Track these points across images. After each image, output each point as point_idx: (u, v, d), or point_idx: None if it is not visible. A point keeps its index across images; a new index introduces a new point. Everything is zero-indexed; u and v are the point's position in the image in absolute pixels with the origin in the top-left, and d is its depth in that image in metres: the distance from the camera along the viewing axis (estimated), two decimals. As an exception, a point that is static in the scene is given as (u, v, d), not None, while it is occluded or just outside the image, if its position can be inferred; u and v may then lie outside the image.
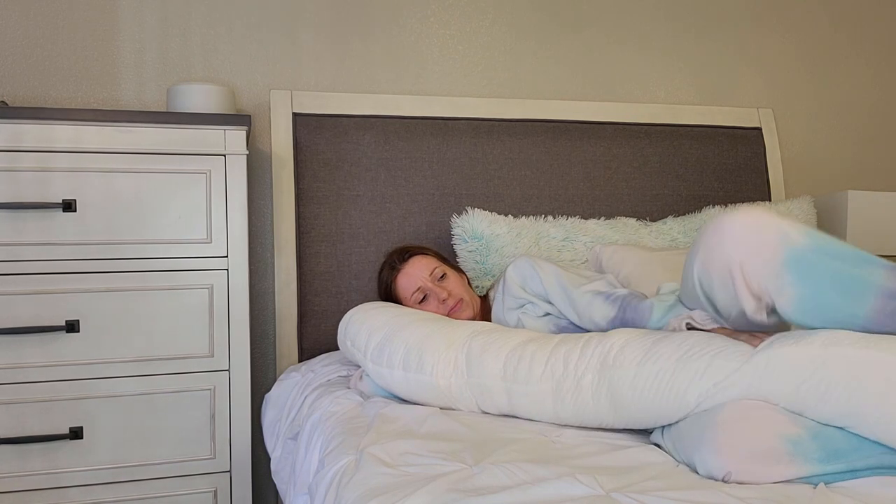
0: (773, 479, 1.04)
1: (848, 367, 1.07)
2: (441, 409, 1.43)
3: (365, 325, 1.57)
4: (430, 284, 1.73)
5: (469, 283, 1.87)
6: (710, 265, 1.21)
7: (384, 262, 1.85)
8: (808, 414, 1.09)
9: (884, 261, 1.20)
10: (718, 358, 1.16)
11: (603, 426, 1.28)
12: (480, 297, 1.86)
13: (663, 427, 1.22)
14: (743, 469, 1.04)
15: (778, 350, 1.12)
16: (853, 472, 1.05)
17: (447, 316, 1.69)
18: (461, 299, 1.73)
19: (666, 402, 1.19)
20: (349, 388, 1.60)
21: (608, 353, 1.26)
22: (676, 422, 1.19)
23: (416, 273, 1.75)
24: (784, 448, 1.05)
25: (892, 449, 1.05)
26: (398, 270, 1.77)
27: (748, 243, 1.15)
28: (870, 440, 1.06)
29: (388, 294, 1.80)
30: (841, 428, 1.08)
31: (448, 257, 2.01)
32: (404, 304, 1.76)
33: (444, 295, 1.71)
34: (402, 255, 1.81)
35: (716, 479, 1.06)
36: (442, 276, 1.76)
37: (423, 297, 1.74)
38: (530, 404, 1.33)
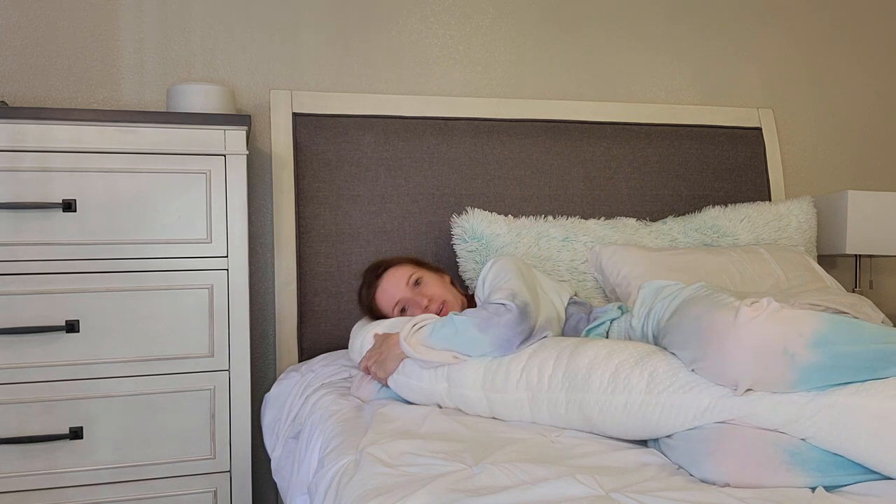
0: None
1: (836, 416, 1.05)
2: (440, 407, 1.44)
3: (359, 337, 1.63)
4: (408, 295, 1.68)
5: (452, 281, 1.81)
6: (709, 374, 1.15)
7: (361, 283, 1.79)
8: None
9: None
10: (690, 395, 1.14)
11: (581, 430, 1.29)
12: (469, 295, 1.84)
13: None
14: (741, 478, 1.04)
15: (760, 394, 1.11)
16: (853, 485, 1.05)
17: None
18: (444, 301, 1.68)
19: (638, 428, 1.20)
20: (350, 394, 1.60)
21: (575, 376, 1.26)
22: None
23: (392, 287, 1.69)
24: (782, 458, 1.04)
25: None
26: (375, 288, 1.72)
27: (755, 374, 1.09)
28: None
29: (371, 312, 1.76)
30: None
31: (447, 257, 1.99)
32: (388, 317, 1.71)
33: (425, 302, 1.66)
34: (375, 271, 1.76)
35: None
36: (417, 282, 1.69)
37: (404, 308, 1.69)
38: (509, 411, 1.34)
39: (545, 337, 1.44)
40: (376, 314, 1.74)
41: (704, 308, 1.21)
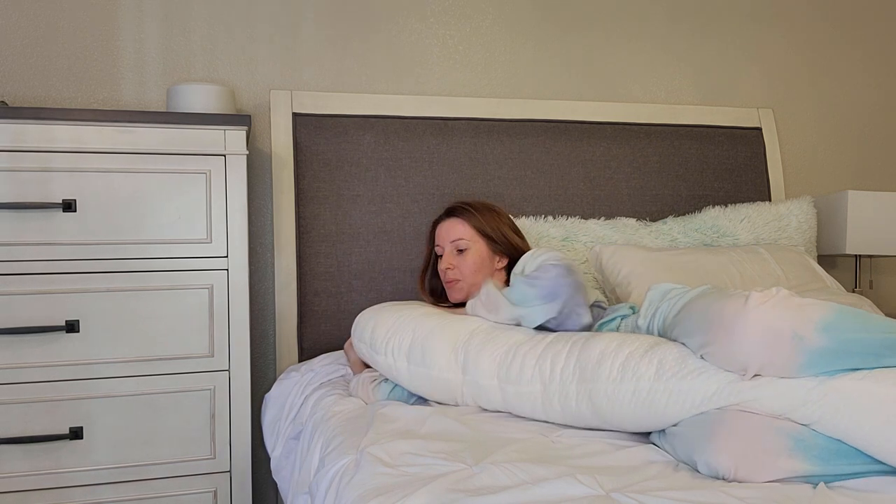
0: (775, 476, 1.04)
1: (843, 400, 1.06)
2: (441, 405, 1.44)
3: (371, 321, 1.60)
4: (446, 250, 1.78)
5: (508, 267, 1.81)
6: (717, 358, 1.16)
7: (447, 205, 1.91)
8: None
9: None
10: (698, 380, 1.15)
11: (590, 427, 1.29)
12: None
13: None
14: (745, 465, 1.04)
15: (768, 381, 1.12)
16: (854, 475, 1.05)
17: (447, 283, 1.76)
18: (458, 280, 1.73)
19: (645, 417, 1.20)
20: (350, 395, 1.59)
21: (586, 366, 1.27)
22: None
23: (443, 234, 1.80)
24: (785, 443, 1.05)
25: None
26: (440, 220, 1.84)
27: (763, 356, 1.10)
28: None
29: (430, 232, 1.88)
30: None
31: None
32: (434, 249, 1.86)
33: (445, 266, 1.75)
34: (453, 209, 1.83)
35: (718, 477, 1.06)
36: (462, 250, 1.76)
37: (440, 255, 1.81)
38: (522, 404, 1.35)
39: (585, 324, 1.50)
40: (431, 234, 1.86)
41: (714, 298, 1.24)
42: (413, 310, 1.60)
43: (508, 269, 1.81)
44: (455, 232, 1.78)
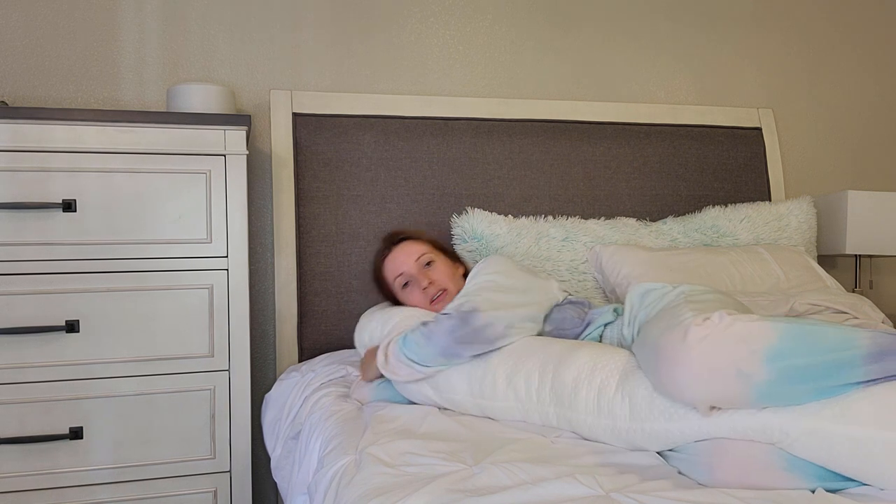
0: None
1: (819, 442, 1.02)
2: (438, 408, 1.44)
3: (367, 327, 1.66)
4: (413, 271, 1.69)
5: (466, 273, 1.79)
6: (668, 398, 1.13)
7: (380, 246, 1.83)
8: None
9: (862, 335, 1.05)
10: (671, 423, 1.12)
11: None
12: None
13: None
14: (739, 486, 1.04)
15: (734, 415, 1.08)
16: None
17: (430, 305, 1.66)
18: (444, 290, 1.67)
19: (628, 447, 1.20)
20: (349, 396, 1.60)
21: (562, 393, 1.27)
22: None
23: (402, 259, 1.71)
24: (781, 465, 1.04)
25: None
26: (387, 253, 1.75)
27: (709, 395, 1.06)
28: None
29: (377, 276, 1.79)
30: None
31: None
32: (390, 287, 1.74)
33: (425, 283, 1.66)
34: (393, 238, 1.79)
35: None
36: (428, 263, 1.70)
37: (406, 283, 1.70)
38: (502, 415, 1.36)
39: (507, 344, 1.42)
40: (381, 281, 1.77)
41: (662, 328, 1.17)
42: (394, 316, 1.61)
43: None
44: (414, 251, 1.72)
